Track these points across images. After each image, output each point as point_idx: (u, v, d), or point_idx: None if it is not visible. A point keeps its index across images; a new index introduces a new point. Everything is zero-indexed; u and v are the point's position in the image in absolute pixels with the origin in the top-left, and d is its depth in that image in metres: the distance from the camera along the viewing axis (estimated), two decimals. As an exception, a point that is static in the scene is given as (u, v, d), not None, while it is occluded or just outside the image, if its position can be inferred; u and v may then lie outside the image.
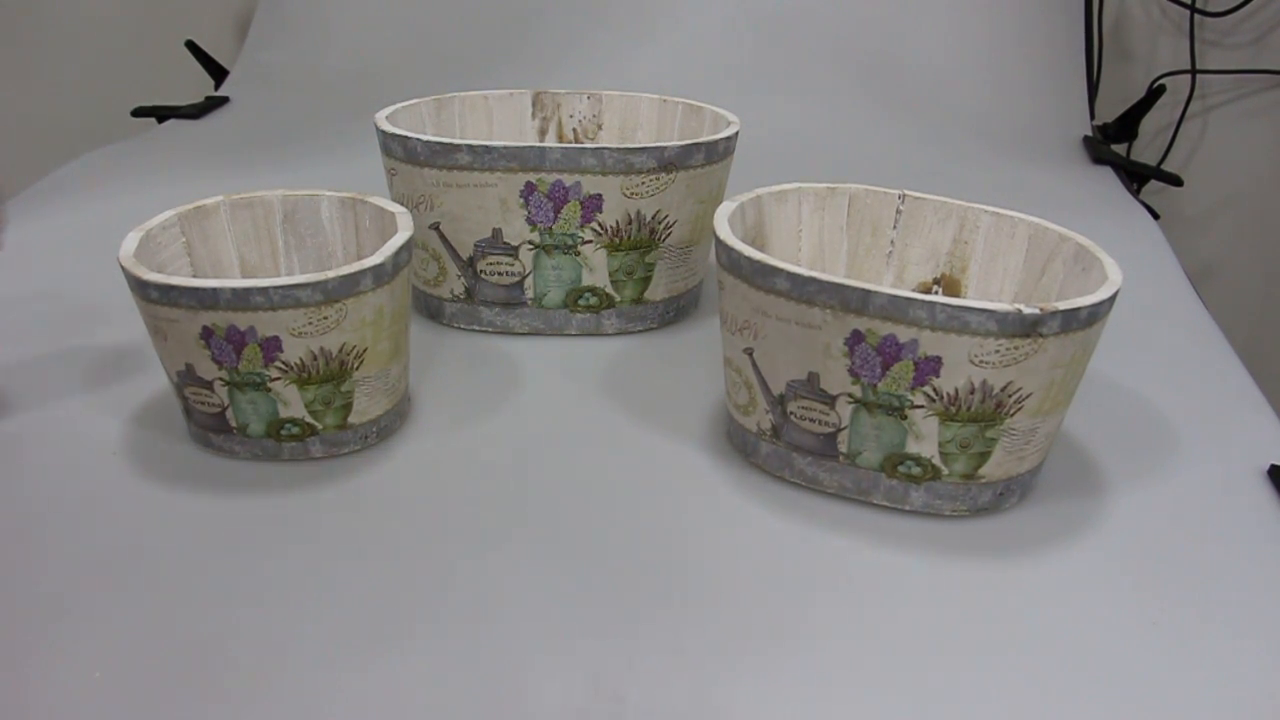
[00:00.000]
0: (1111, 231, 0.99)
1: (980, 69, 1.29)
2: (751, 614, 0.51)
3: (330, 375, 0.57)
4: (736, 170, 0.84)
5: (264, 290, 0.54)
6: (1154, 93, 1.32)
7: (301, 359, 0.56)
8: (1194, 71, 1.38)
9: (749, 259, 0.55)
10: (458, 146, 0.69)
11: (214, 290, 0.54)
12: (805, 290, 0.53)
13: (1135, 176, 1.25)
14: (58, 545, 0.54)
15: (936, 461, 0.56)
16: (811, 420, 0.57)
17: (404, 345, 0.62)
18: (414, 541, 0.55)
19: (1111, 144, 1.31)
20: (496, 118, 0.83)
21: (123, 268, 0.56)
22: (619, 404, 0.68)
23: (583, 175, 0.70)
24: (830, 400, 0.56)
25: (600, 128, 0.84)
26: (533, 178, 0.70)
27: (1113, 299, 0.54)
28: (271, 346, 0.55)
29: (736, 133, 0.75)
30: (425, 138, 0.69)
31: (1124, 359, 0.75)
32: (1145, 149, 1.44)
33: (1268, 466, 0.63)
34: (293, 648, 0.47)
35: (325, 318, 0.56)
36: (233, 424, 0.58)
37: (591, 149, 0.69)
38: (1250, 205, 1.44)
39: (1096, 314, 0.53)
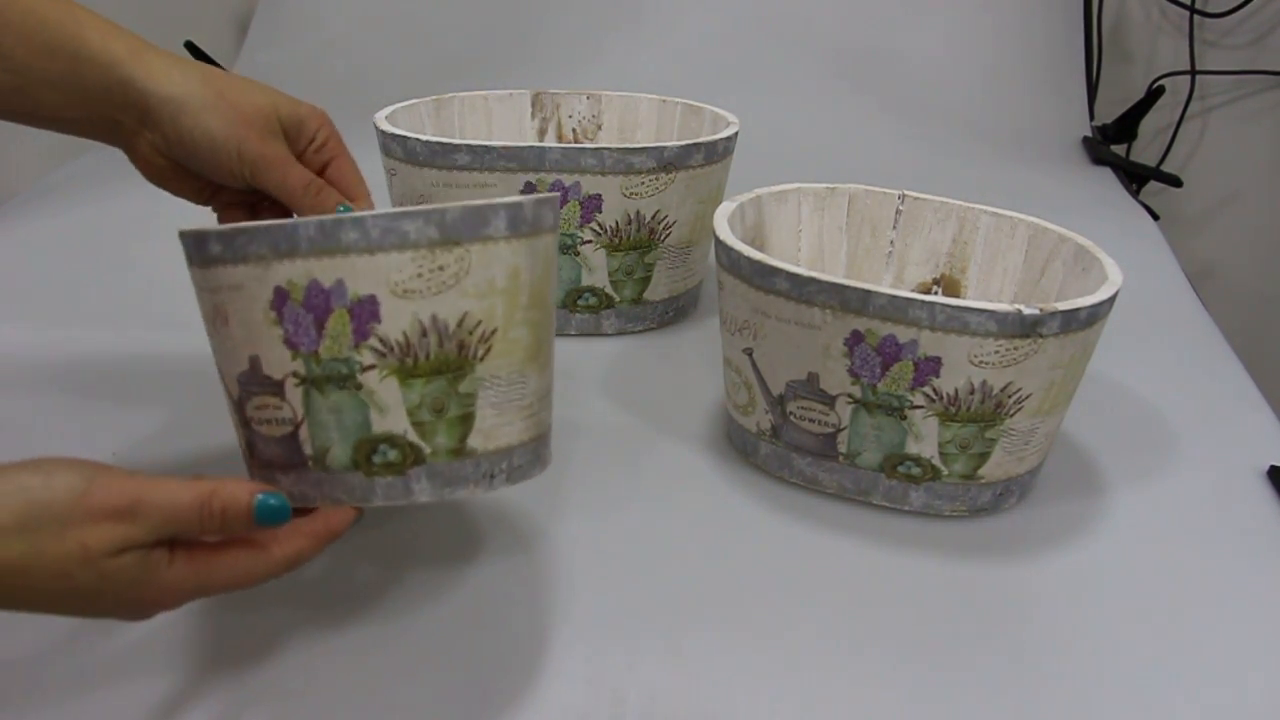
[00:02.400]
0: (1111, 232, 0.99)
1: (980, 69, 1.29)
2: (751, 613, 0.51)
3: (445, 364, 0.41)
4: (736, 170, 0.83)
5: (359, 223, 0.39)
6: (1153, 93, 1.32)
7: (405, 334, 0.41)
8: (1193, 72, 1.38)
9: (749, 259, 0.55)
10: (457, 147, 0.69)
11: (293, 229, 0.39)
12: (805, 290, 0.53)
13: (1135, 177, 1.25)
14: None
15: (936, 462, 0.55)
16: (811, 420, 0.57)
17: (547, 349, 0.45)
18: (412, 540, 0.55)
19: (1111, 145, 1.31)
20: (496, 118, 0.83)
21: (182, 234, 0.43)
22: (619, 404, 0.68)
23: (582, 175, 0.70)
24: (830, 400, 0.56)
25: (600, 128, 0.84)
26: (532, 178, 0.70)
27: (1112, 299, 0.54)
28: (365, 313, 0.40)
29: (736, 133, 0.75)
30: (425, 138, 0.69)
31: (1124, 359, 0.75)
32: (1145, 150, 1.44)
33: (1267, 467, 0.63)
34: (296, 642, 0.47)
35: (440, 268, 0.40)
36: (308, 451, 0.42)
37: (591, 149, 0.69)
38: (1249, 206, 1.44)
39: (1096, 314, 0.53)
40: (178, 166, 0.52)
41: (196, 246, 0.42)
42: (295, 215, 0.51)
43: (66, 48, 0.47)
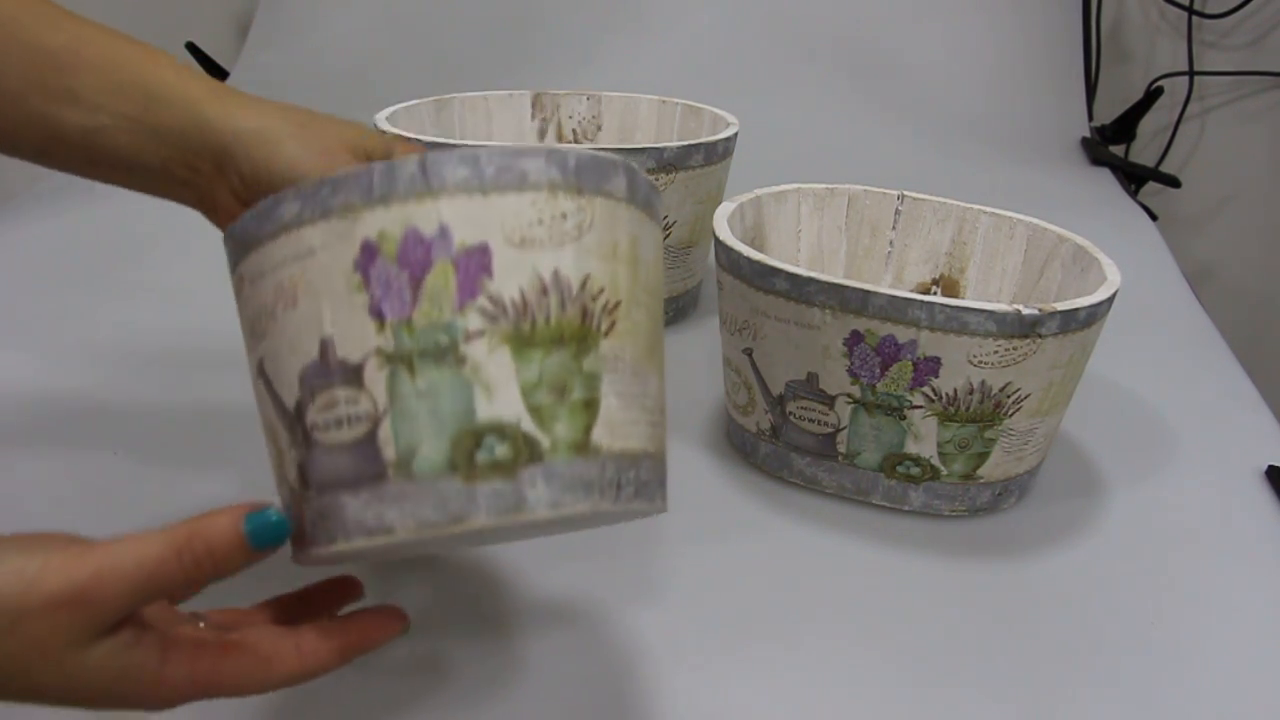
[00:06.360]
0: (1110, 232, 1.00)
1: (979, 70, 1.29)
2: (750, 613, 0.51)
3: (568, 332, 0.34)
4: (736, 171, 0.84)
5: (471, 159, 0.34)
6: (1152, 94, 1.32)
7: (523, 291, 0.34)
8: (1192, 73, 1.38)
9: (748, 259, 0.55)
10: (457, 147, 0.69)
11: (390, 168, 0.34)
12: (804, 291, 0.53)
13: (1133, 177, 1.25)
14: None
15: (935, 462, 0.56)
16: (811, 420, 0.57)
17: (660, 353, 0.39)
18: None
19: (1110, 145, 1.31)
20: (496, 118, 0.83)
21: (239, 223, 0.37)
22: (618, 404, 0.68)
23: (582, 176, 0.70)
24: (829, 400, 0.56)
25: (600, 128, 0.84)
26: (532, 178, 0.70)
27: (1111, 300, 0.54)
28: (474, 266, 0.33)
29: (735, 133, 0.75)
30: (425, 138, 0.70)
31: (1122, 360, 0.75)
32: (1143, 150, 1.44)
33: (1265, 467, 0.64)
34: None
35: (563, 215, 0.34)
36: (389, 455, 0.34)
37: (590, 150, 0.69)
38: (1248, 206, 1.44)
39: (1095, 315, 0.53)
40: None
41: (262, 218, 0.36)
42: None
43: (142, 86, 0.44)
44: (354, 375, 0.34)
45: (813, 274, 0.53)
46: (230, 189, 0.45)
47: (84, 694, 0.32)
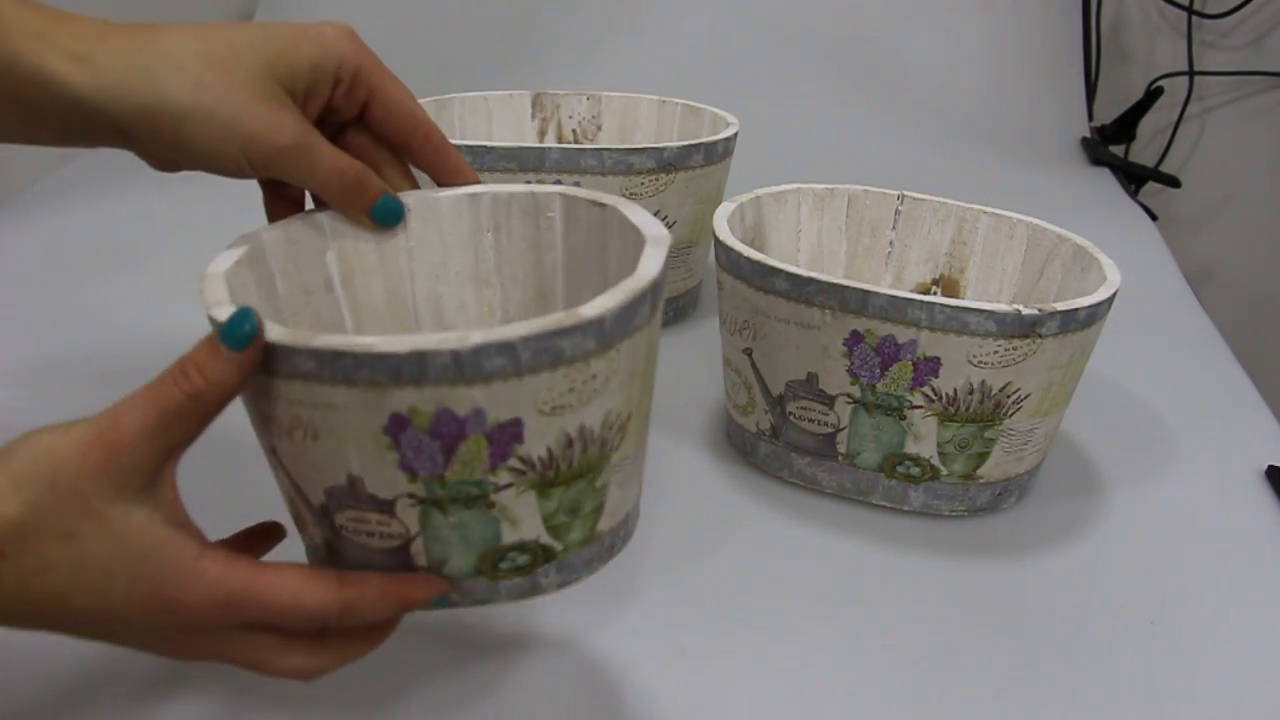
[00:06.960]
0: (1110, 232, 0.99)
1: (979, 70, 1.29)
2: (750, 613, 0.51)
3: (587, 467, 0.37)
4: (736, 171, 0.84)
5: (508, 349, 0.33)
6: (1152, 94, 1.32)
7: (550, 449, 0.36)
8: (1192, 73, 1.38)
9: (748, 259, 0.55)
10: (457, 147, 0.69)
11: (421, 359, 0.32)
12: (804, 291, 0.53)
13: (1133, 177, 1.25)
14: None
15: (935, 462, 0.56)
16: (810, 420, 0.57)
17: (650, 407, 0.41)
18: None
19: (1110, 145, 1.31)
20: (496, 119, 0.83)
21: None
22: (618, 404, 0.68)
23: (582, 176, 0.70)
24: (829, 400, 0.56)
25: (599, 129, 0.84)
26: (532, 178, 0.70)
27: (1111, 300, 0.54)
28: (506, 437, 0.35)
29: (735, 133, 0.75)
30: (425, 138, 0.69)
31: (1122, 360, 0.76)
32: (1143, 150, 1.44)
33: (1265, 467, 0.64)
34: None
35: (594, 376, 0.35)
36: (421, 563, 0.37)
37: (591, 150, 0.69)
38: (1248, 206, 1.44)
39: (1095, 315, 0.53)
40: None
41: (269, 353, 0.34)
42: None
43: None
44: (385, 507, 0.36)
45: (813, 274, 0.53)
46: (146, 156, 0.41)
47: (117, 580, 0.33)
